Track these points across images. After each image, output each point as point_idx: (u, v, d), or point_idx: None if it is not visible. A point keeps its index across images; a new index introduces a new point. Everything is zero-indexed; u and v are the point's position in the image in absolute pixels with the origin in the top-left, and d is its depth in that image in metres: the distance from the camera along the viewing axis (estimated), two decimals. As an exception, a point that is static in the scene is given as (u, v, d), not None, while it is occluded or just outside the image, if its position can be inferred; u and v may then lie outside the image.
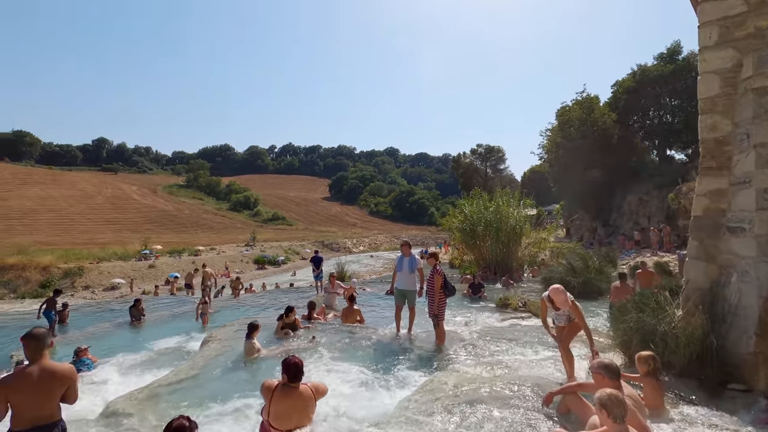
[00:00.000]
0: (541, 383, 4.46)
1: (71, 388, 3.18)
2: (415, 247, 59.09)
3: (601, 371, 3.23)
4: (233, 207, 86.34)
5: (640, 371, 3.82)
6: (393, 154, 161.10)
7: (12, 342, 10.15)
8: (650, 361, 3.77)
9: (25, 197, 69.09)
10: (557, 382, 4.63)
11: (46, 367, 3.07)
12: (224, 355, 6.39)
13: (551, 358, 5.62)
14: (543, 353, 6.09)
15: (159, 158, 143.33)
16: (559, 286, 4.79)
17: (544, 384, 4.43)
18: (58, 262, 33.00)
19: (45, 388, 3.02)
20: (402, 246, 7.55)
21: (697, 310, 4.47)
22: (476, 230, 17.79)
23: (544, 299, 4.97)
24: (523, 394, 4.14)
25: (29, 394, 2.97)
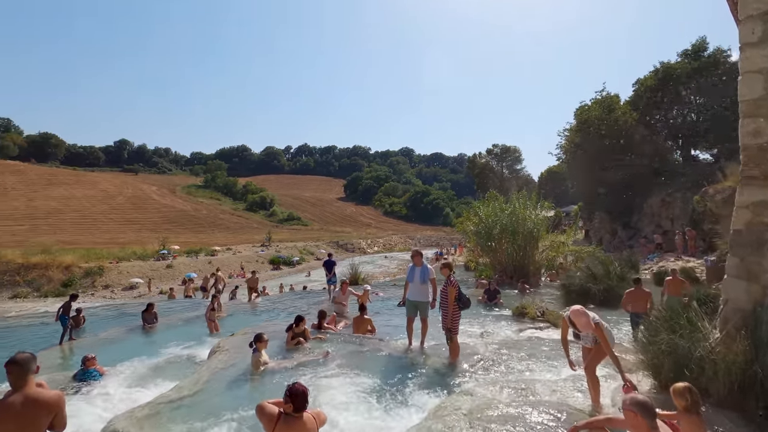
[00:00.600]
0: (564, 410, 4.13)
1: (58, 416, 2.99)
2: (430, 248, 58.92)
3: (635, 409, 2.88)
4: (249, 207, 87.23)
5: (678, 406, 3.44)
6: (408, 154, 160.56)
7: (27, 344, 10.24)
8: (687, 395, 3.39)
9: (50, 197, 71.07)
10: (581, 409, 4.28)
11: (29, 396, 2.88)
12: (230, 368, 6.21)
13: (574, 379, 5.25)
14: (565, 372, 5.70)
15: (178, 159, 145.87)
16: (580, 307, 4.43)
17: (567, 411, 4.09)
18: (80, 261, 33.71)
19: (29, 418, 2.84)
20: (413, 256, 7.26)
21: (738, 334, 4.06)
22: (492, 233, 17.35)
23: (565, 319, 4.62)
24: (544, 424, 3.81)
25: (12, 425, 2.79)
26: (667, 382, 4.32)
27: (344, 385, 5.36)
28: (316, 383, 5.39)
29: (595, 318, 4.32)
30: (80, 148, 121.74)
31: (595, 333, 4.25)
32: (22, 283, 30.52)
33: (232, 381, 5.72)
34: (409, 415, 4.52)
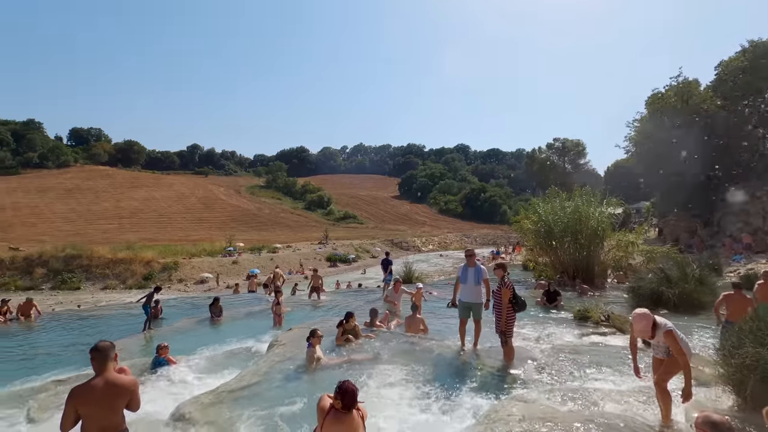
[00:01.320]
0: (628, 424, 3.84)
1: (133, 398, 3.30)
2: (486, 247, 57.46)
3: (709, 429, 2.61)
4: (308, 206, 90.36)
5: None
6: (463, 151, 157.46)
7: (115, 329, 11.40)
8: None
9: (133, 199, 78.49)
10: (648, 424, 3.96)
11: (109, 380, 3.21)
12: (287, 361, 6.48)
13: (641, 391, 4.86)
14: (631, 382, 5.30)
15: (242, 161, 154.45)
16: (643, 311, 4.08)
17: (632, 426, 3.80)
18: (158, 257, 36.93)
19: (109, 400, 3.16)
20: (467, 256, 7.10)
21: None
22: (552, 231, 16.53)
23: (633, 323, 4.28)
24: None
25: (94, 406, 3.12)
26: (751, 400, 3.87)
27: (394, 385, 5.39)
28: (367, 381, 5.47)
29: (667, 324, 3.96)
30: (158, 153, 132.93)
31: (666, 341, 3.89)
32: (111, 276, 34.02)
33: (288, 374, 5.97)
34: (460, 418, 4.44)
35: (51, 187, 79.38)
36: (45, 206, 68.35)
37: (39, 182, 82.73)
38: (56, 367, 7.59)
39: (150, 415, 4.89)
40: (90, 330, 11.84)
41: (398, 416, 4.48)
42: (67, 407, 3.08)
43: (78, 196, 76.20)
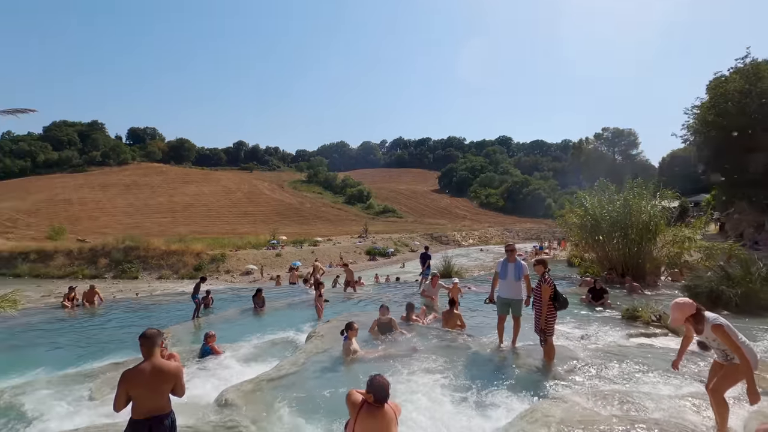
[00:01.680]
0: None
1: (178, 384, 3.50)
2: (529, 241, 55.96)
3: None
4: (348, 200, 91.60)
5: None
6: (505, 143, 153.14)
7: (168, 317, 12.12)
8: None
9: (185, 194, 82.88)
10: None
11: (156, 365, 3.42)
12: (324, 353, 6.63)
13: (695, 397, 4.55)
14: (684, 388, 4.98)
15: (285, 157, 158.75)
16: (683, 299, 3.81)
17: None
18: (207, 249, 38.91)
19: (155, 384, 3.37)
20: (507, 251, 6.92)
21: None
22: (599, 226, 15.76)
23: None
24: (650, 446, 3.37)
25: (143, 388, 3.34)
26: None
27: (430, 380, 5.37)
28: (402, 376, 5.48)
29: (718, 319, 3.65)
30: (207, 150, 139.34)
31: (720, 340, 3.59)
32: (165, 267, 36.25)
33: (325, 365, 6.10)
34: (495, 417, 4.36)
35: (112, 184, 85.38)
36: (107, 201, 73.67)
37: (102, 179, 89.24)
38: (115, 351, 8.19)
39: (196, 399, 5.17)
40: (146, 317, 12.67)
41: (432, 412, 4.46)
42: (119, 389, 3.32)
43: (136, 192, 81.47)
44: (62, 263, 36.28)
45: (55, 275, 34.02)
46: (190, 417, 4.50)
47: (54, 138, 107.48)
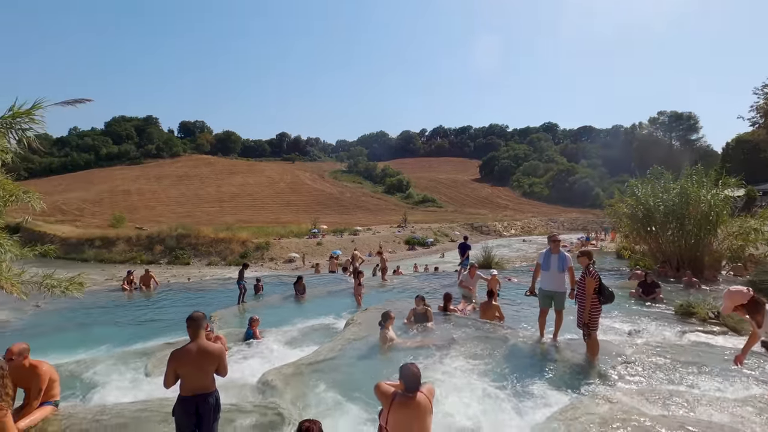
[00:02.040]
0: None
1: (221, 364, 3.68)
2: (575, 232, 53.72)
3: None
4: (387, 190, 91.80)
5: None
6: (550, 130, 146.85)
7: (216, 301, 12.76)
8: None
9: (231, 184, 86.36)
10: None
11: (201, 346, 3.61)
12: (361, 340, 6.73)
13: (758, 400, 4.21)
14: (745, 390, 4.61)
15: (326, 147, 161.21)
16: (737, 287, 3.53)
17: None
18: (252, 237, 40.51)
19: (200, 363, 3.56)
20: (550, 241, 6.67)
21: None
22: (652, 216, 14.83)
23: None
24: (702, 450, 3.16)
25: (190, 367, 3.54)
26: None
27: (466, 372, 5.32)
28: (438, 365, 5.47)
29: None
30: (252, 141, 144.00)
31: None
32: (214, 254, 38.13)
33: (362, 352, 6.20)
34: (533, 412, 4.24)
35: (166, 175, 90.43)
36: (162, 191, 78.19)
37: (157, 170, 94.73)
38: (168, 332, 8.73)
39: (240, 379, 5.43)
40: (196, 300, 13.41)
41: (467, 403, 4.42)
42: (168, 367, 3.54)
43: (187, 183, 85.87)
44: (123, 249, 39.09)
45: (117, 260, 36.70)
46: (234, 397, 4.73)
47: (114, 132, 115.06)
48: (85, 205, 65.50)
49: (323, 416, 4.29)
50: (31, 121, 5.69)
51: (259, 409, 4.23)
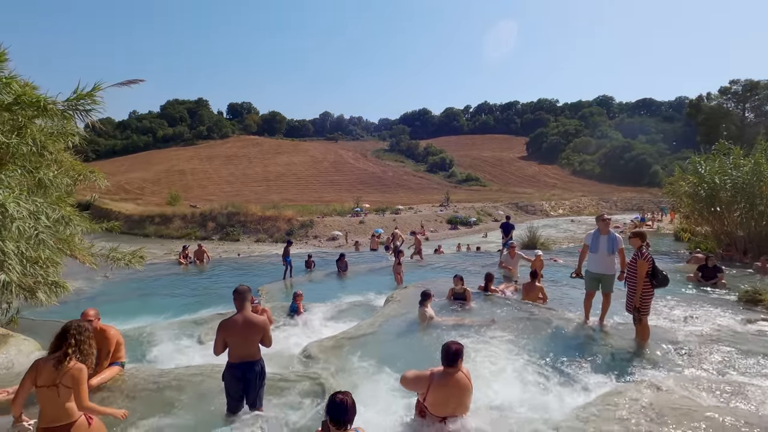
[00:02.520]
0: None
1: (266, 335, 3.87)
2: (629, 213, 51.00)
3: None
4: (429, 168, 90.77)
5: None
6: (605, 104, 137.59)
7: (263, 276, 13.37)
8: None
9: (277, 164, 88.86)
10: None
11: (247, 317, 3.81)
12: (401, 317, 6.82)
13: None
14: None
15: (368, 126, 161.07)
16: None
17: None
18: (297, 215, 41.76)
19: (246, 333, 3.77)
20: (599, 221, 6.34)
21: None
22: (718, 195, 13.69)
23: None
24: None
25: (237, 336, 3.76)
26: None
27: (505, 353, 5.26)
28: (477, 346, 5.44)
29: None
30: (296, 121, 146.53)
31: None
32: (261, 231, 39.74)
33: (401, 328, 6.30)
34: (573, 396, 4.13)
35: (216, 155, 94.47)
36: (213, 171, 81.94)
37: (208, 151, 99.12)
38: (219, 303, 9.27)
39: (284, 350, 5.70)
40: (245, 275, 14.13)
41: (506, 383, 4.39)
42: (217, 336, 3.78)
43: (236, 162, 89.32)
44: (179, 225, 41.64)
45: (174, 236, 39.19)
46: (278, 366, 4.98)
47: (169, 115, 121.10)
48: (145, 185, 70.02)
49: (360, 388, 4.44)
50: (93, 103, 6.07)
51: (301, 378, 4.43)
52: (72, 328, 3.14)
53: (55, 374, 2.97)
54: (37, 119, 6.26)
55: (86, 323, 3.32)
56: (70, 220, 7.06)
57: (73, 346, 3.06)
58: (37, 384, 2.98)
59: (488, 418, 3.55)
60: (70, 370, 2.99)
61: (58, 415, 2.98)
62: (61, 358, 3.02)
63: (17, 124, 6.15)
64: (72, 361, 3.03)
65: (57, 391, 2.96)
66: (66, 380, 2.97)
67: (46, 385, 2.95)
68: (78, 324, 3.21)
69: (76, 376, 3.00)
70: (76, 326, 3.17)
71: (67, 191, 7.66)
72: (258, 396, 3.81)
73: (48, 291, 6.46)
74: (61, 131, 6.76)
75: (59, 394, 2.96)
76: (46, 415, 2.98)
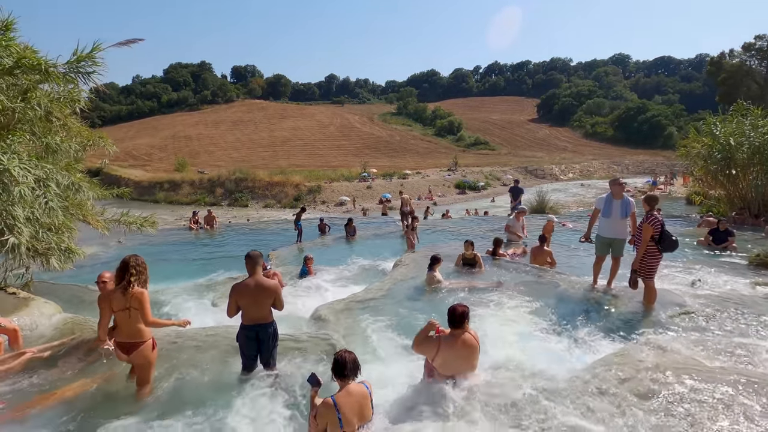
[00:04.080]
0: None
1: (277, 299, 3.96)
2: (641, 176, 50.06)
3: None
4: (437, 132, 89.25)
5: None
6: (621, 62, 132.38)
7: (274, 241, 13.54)
8: None
9: (283, 129, 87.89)
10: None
11: (258, 281, 3.89)
12: (409, 281, 6.93)
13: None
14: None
15: (375, 89, 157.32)
16: None
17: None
18: (305, 181, 41.76)
19: (257, 297, 3.86)
20: (612, 185, 6.20)
21: None
22: (734, 157, 13.34)
23: None
24: (765, 406, 3.03)
25: (249, 299, 3.85)
26: None
27: (513, 316, 5.35)
28: (485, 310, 5.53)
29: None
30: (301, 85, 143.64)
31: None
32: (269, 196, 39.95)
33: (409, 292, 6.41)
34: (579, 356, 4.23)
35: (222, 120, 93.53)
36: (219, 136, 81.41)
37: (214, 116, 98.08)
38: (231, 267, 9.46)
39: (295, 312, 5.86)
40: (256, 239, 14.32)
41: (511, 343, 4.48)
42: (230, 299, 3.88)
43: (242, 128, 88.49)
44: (188, 192, 41.96)
45: (183, 202, 39.59)
46: (289, 328, 5.13)
47: (172, 79, 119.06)
48: (153, 151, 70.01)
49: (369, 349, 4.58)
50: (94, 64, 5.95)
51: (313, 339, 4.57)
52: (131, 261, 3.72)
53: (124, 300, 3.61)
54: (42, 84, 6.18)
55: (141, 257, 3.83)
56: (80, 186, 7.12)
57: (134, 275, 3.66)
58: (114, 309, 3.68)
59: (494, 376, 3.65)
60: (135, 295, 3.61)
61: (131, 333, 3.68)
62: (126, 286, 3.63)
63: (22, 89, 6.09)
64: (135, 287, 3.63)
65: (128, 314, 3.62)
66: (134, 303, 3.60)
67: (120, 309, 3.63)
68: (135, 257, 3.77)
69: (140, 299, 3.62)
70: (134, 259, 3.74)
71: (76, 158, 7.68)
72: (271, 356, 3.95)
73: (61, 257, 6.60)
74: (67, 96, 6.68)
75: (130, 316, 3.62)
76: (121, 333, 3.72)
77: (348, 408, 2.85)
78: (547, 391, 3.33)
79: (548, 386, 3.42)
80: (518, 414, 3.09)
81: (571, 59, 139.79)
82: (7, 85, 5.94)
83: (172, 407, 3.49)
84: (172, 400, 3.61)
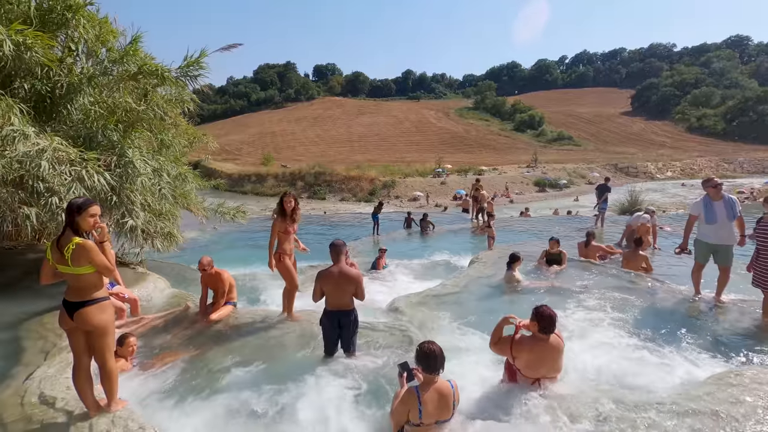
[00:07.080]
0: None
1: (359, 288, 4.10)
2: (758, 175, 43.88)
3: None
4: (517, 127, 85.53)
5: None
6: (738, 45, 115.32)
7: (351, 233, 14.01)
8: None
9: (360, 125, 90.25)
10: None
11: (342, 270, 4.06)
12: (486, 278, 6.77)
13: None
14: None
15: (452, 83, 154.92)
16: None
17: None
18: (379, 176, 42.55)
19: (340, 284, 4.03)
20: (707, 186, 5.45)
21: None
22: None
23: None
24: None
25: (332, 286, 4.04)
26: None
27: (600, 322, 4.96)
28: (568, 312, 5.22)
29: None
30: (378, 81, 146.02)
31: None
32: (346, 190, 41.34)
33: (486, 290, 6.26)
34: (678, 373, 3.78)
35: (303, 117, 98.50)
36: (300, 132, 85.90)
37: (296, 113, 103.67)
38: (313, 256, 9.93)
39: (372, 303, 6.00)
40: (334, 230, 14.96)
41: (597, 354, 4.17)
42: (315, 285, 4.10)
43: (321, 124, 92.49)
44: (272, 184, 44.92)
45: (268, 194, 42.44)
46: (367, 316, 5.28)
47: (261, 79, 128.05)
48: (242, 146, 75.90)
49: (445, 345, 4.54)
50: (199, 68, 6.63)
51: (390, 329, 4.67)
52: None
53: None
54: (158, 87, 7.01)
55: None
56: (186, 177, 7.99)
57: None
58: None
59: (580, 385, 3.44)
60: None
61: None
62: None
63: (143, 92, 6.97)
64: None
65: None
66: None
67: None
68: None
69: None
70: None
71: (182, 152, 8.62)
72: (352, 342, 4.11)
73: (165, 241, 7.46)
74: (178, 98, 7.50)
75: None
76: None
77: (430, 401, 2.85)
78: (641, 406, 3.06)
79: (643, 400, 3.13)
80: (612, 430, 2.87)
81: (674, 44, 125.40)
82: (132, 89, 6.84)
83: (259, 379, 3.77)
84: (260, 373, 3.91)
